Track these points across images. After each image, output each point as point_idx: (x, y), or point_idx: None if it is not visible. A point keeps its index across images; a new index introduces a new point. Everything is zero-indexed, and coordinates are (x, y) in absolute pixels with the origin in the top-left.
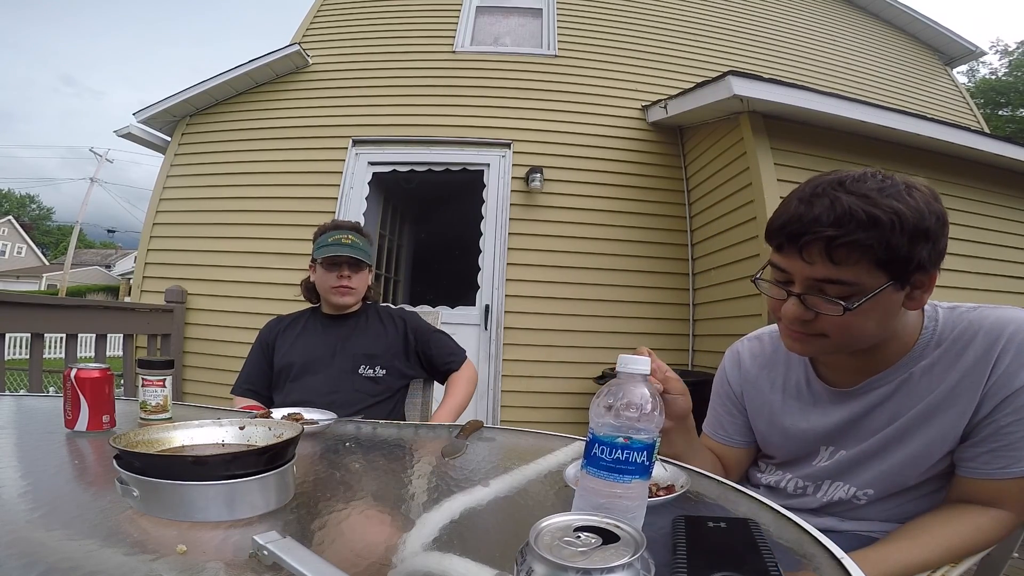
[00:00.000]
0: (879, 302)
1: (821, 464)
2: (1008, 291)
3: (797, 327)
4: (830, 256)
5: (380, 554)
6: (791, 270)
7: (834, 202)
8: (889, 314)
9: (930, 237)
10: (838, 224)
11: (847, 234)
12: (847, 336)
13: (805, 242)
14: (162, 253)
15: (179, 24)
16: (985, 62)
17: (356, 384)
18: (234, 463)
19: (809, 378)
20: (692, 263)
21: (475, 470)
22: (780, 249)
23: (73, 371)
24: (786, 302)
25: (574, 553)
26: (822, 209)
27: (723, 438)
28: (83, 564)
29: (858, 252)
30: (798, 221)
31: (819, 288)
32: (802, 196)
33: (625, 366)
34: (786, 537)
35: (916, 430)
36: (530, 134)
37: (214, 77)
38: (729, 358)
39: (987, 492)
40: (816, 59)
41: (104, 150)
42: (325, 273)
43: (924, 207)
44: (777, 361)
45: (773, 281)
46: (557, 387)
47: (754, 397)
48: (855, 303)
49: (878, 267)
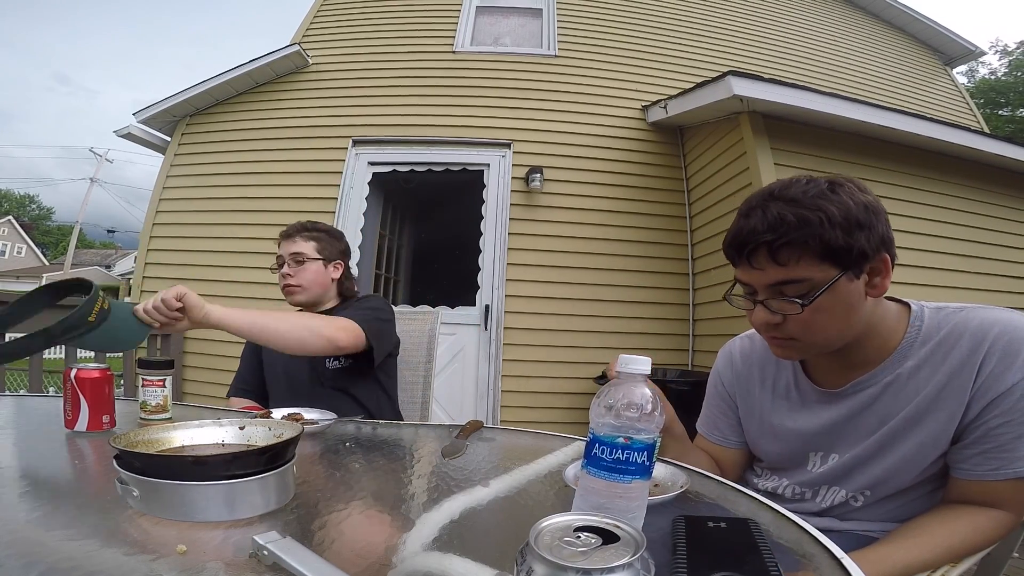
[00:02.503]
0: (837, 294)
1: (816, 470)
2: (1008, 291)
3: (772, 332)
4: (775, 259)
5: (380, 554)
6: (750, 280)
7: (765, 211)
8: (852, 306)
9: (863, 225)
10: (772, 229)
11: (781, 236)
12: (816, 333)
13: (750, 251)
14: (162, 253)
15: (175, 23)
16: (985, 62)
17: (327, 379)
18: (234, 463)
19: (798, 378)
20: (692, 263)
21: (475, 470)
22: (735, 263)
23: (73, 371)
24: (753, 311)
25: (574, 553)
26: (757, 220)
27: (718, 439)
28: (83, 564)
29: (798, 250)
30: (739, 234)
31: (778, 291)
32: (741, 212)
33: (625, 366)
34: (786, 537)
35: (907, 433)
36: (530, 134)
37: (214, 77)
38: (722, 357)
39: (982, 493)
40: (816, 59)
41: (104, 150)
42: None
43: (848, 200)
44: (768, 361)
45: (743, 295)
46: (557, 387)
47: (745, 397)
48: (811, 298)
49: (823, 260)
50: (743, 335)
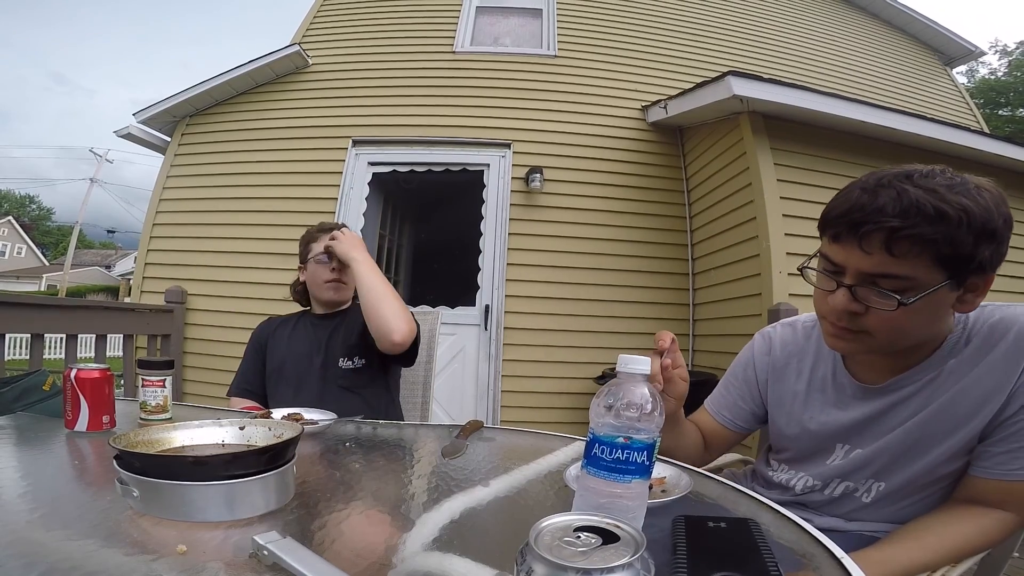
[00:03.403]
0: (932, 301)
1: (835, 463)
2: (1008, 291)
3: (844, 321)
4: (890, 248)
5: (380, 554)
6: (845, 261)
7: (901, 193)
8: (938, 315)
9: (995, 238)
10: (904, 215)
11: (912, 226)
12: (893, 333)
13: (866, 231)
14: (162, 253)
15: (172, 22)
16: (985, 62)
17: (338, 378)
18: (234, 463)
19: (836, 371)
20: (692, 263)
21: (475, 470)
22: (836, 239)
23: (73, 371)
24: (834, 293)
25: (574, 553)
26: (887, 199)
27: (727, 421)
28: (83, 564)
29: (920, 246)
30: (860, 210)
31: (872, 281)
32: (865, 186)
33: (625, 366)
34: (786, 537)
35: (937, 426)
36: (530, 134)
37: (214, 77)
38: (759, 343)
39: (996, 493)
40: (816, 59)
41: (104, 150)
42: (318, 269)
43: (993, 207)
44: (807, 351)
45: (822, 271)
46: (557, 387)
47: (778, 386)
48: (910, 298)
49: (938, 264)
50: (784, 322)
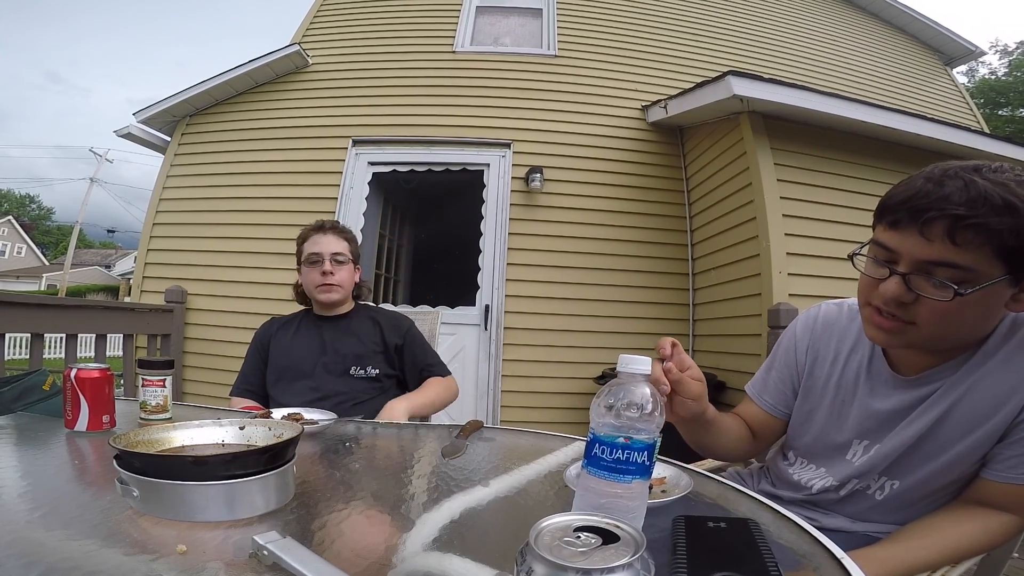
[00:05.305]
0: (988, 295)
1: (855, 460)
2: None
3: (892, 309)
4: (952, 236)
5: (380, 554)
6: (901, 249)
7: (968, 184)
8: (991, 312)
9: None
10: (971, 205)
11: (978, 216)
12: (943, 326)
13: (929, 218)
14: (162, 253)
15: (169, 22)
16: (985, 62)
17: (348, 385)
18: (234, 463)
19: (873, 359)
20: (692, 263)
21: (475, 470)
22: (895, 225)
23: (73, 371)
24: (886, 281)
25: (574, 553)
26: (954, 189)
27: (767, 405)
28: (83, 564)
29: (984, 236)
30: (925, 197)
31: (928, 270)
32: (930, 176)
33: (626, 366)
34: (786, 537)
35: (956, 424)
36: (530, 134)
37: (214, 77)
38: (803, 321)
39: (1006, 496)
40: (816, 59)
41: (104, 150)
42: (309, 272)
43: None
44: (849, 334)
45: (876, 260)
46: (557, 387)
47: (813, 366)
48: (967, 289)
49: (999, 256)
50: (832, 302)
